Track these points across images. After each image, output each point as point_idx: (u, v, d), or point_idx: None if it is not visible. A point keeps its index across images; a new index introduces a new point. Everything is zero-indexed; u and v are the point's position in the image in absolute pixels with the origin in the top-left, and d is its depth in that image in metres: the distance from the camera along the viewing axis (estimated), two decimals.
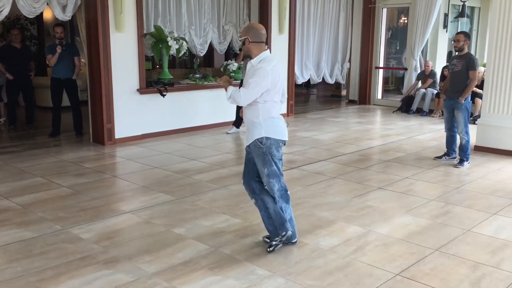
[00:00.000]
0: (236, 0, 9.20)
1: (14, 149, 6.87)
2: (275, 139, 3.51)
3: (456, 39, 5.93)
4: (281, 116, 3.63)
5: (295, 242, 3.69)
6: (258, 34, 3.51)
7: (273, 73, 3.46)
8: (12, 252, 3.52)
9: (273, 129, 3.51)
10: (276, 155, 3.55)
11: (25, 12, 6.46)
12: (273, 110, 3.54)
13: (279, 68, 3.54)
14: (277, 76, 3.50)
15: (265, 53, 3.53)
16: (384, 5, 11.39)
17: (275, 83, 3.49)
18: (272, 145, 3.52)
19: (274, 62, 3.51)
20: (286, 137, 3.61)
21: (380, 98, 11.77)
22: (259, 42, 3.50)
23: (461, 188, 5.19)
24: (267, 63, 3.46)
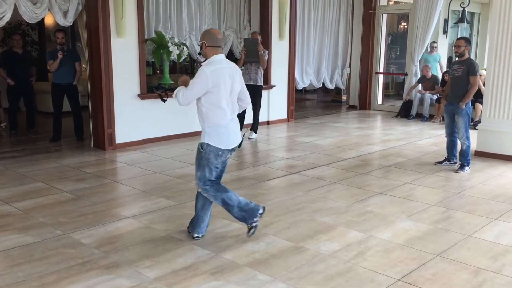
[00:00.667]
0: (237, 6, 9.24)
1: (15, 154, 6.88)
2: (215, 147, 3.58)
3: (457, 45, 5.96)
4: (232, 123, 3.66)
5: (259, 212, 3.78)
6: (214, 39, 3.61)
7: (214, 76, 3.49)
8: (14, 257, 3.52)
9: (215, 137, 3.58)
10: (213, 162, 3.63)
11: (26, 17, 6.49)
12: (218, 116, 3.57)
13: (227, 72, 3.57)
14: (221, 80, 3.52)
15: (214, 57, 3.60)
16: (384, 11, 11.42)
17: (217, 86, 3.51)
18: (211, 152, 3.59)
19: (220, 65, 3.56)
20: (228, 146, 3.64)
21: (380, 104, 11.78)
22: (214, 47, 3.61)
23: (462, 193, 5.19)
24: (209, 66, 3.54)
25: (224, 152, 3.64)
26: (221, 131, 3.60)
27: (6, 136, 8.32)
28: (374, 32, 11.43)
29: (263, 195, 5.08)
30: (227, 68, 3.60)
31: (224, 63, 3.62)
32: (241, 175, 5.83)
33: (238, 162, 6.63)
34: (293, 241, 3.84)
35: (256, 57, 7.69)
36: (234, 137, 3.69)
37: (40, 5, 6.52)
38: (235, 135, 3.69)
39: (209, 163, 3.62)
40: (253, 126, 8.14)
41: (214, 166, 3.66)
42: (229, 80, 3.59)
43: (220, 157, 3.65)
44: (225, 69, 3.58)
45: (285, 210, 4.57)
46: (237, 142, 3.74)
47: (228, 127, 3.63)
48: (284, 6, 9.30)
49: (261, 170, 6.11)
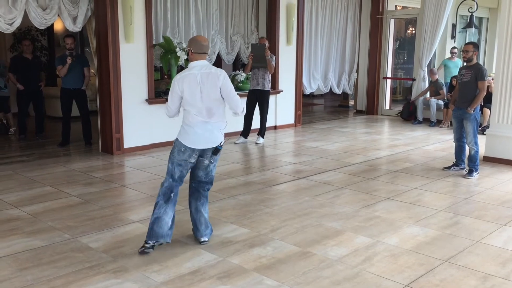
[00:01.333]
0: (244, 11, 9.28)
1: (24, 158, 6.94)
2: (179, 142, 3.76)
3: (465, 50, 5.94)
4: (203, 125, 3.73)
5: (165, 242, 3.77)
6: (200, 46, 3.76)
7: (180, 82, 3.69)
8: (22, 260, 3.54)
9: (183, 134, 3.78)
10: (176, 157, 3.76)
11: (36, 23, 6.56)
12: (187, 118, 3.78)
13: (195, 77, 3.68)
14: (185, 84, 3.67)
15: (192, 63, 3.76)
16: (392, 16, 11.42)
17: (184, 90, 3.68)
18: (175, 147, 3.78)
19: (190, 71, 3.71)
20: (192, 145, 3.73)
21: (388, 109, 11.75)
22: (200, 53, 3.76)
23: (470, 199, 5.16)
24: (180, 73, 3.75)
25: (187, 149, 3.73)
26: (189, 130, 3.75)
27: (15, 140, 8.39)
28: (382, 37, 11.42)
29: (270, 200, 5.08)
30: (198, 74, 3.70)
31: (196, 69, 3.72)
32: (248, 180, 5.84)
33: (245, 167, 6.64)
34: (300, 246, 3.84)
35: (264, 62, 7.71)
36: (202, 139, 3.75)
37: (50, 11, 6.59)
38: (203, 138, 3.75)
39: (174, 157, 3.78)
40: (260, 131, 8.15)
41: (177, 163, 3.76)
42: (195, 85, 3.69)
43: (182, 153, 3.74)
44: (194, 74, 3.70)
45: (292, 215, 4.56)
46: (204, 145, 3.76)
47: (195, 127, 3.73)
48: (292, 11, 9.33)
49: (268, 175, 6.12)
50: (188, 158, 3.75)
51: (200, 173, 3.89)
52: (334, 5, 11.05)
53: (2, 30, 6.29)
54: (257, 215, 4.57)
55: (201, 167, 3.86)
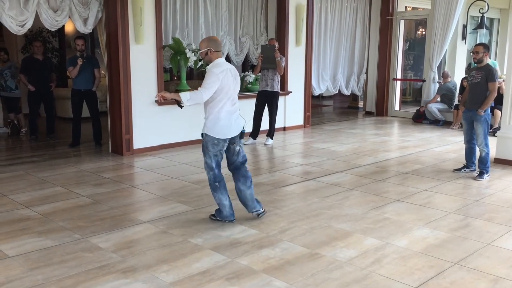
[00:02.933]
0: (254, 12, 9.29)
1: (35, 159, 7.00)
2: (212, 137, 4.14)
3: (475, 51, 5.90)
4: (231, 116, 4.17)
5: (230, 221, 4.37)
6: (218, 44, 4.23)
7: (222, 76, 4.06)
8: (33, 260, 3.58)
9: (213, 128, 4.13)
10: (211, 150, 4.19)
11: (47, 25, 6.62)
12: (218, 110, 4.12)
13: (230, 72, 4.16)
14: (225, 78, 4.09)
15: (219, 60, 4.20)
16: (402, 17, 11.37)
17: (224, 84, 4.07)
18: (208, 142, 4.17)
19: (226, 67, 4.16)
20: (224, 137, 4.16)
21: (397, 110, 11.70)
22: (219, 51, 4.22)
23: (480, 201, 5.12)
24: (218, 67, 4.11)
25: (219, 141, 4.17)
26: (219, 123, 4.14)
27: (26, 141, 8.46)
28: (392, 38, 11.38)
29: (279, 201, 5.08)
30: (231, 69, 4.21)
31: (226, 64, 4.21)
32: (257, 181, 5.84)
33: (255, 168, 6.64)
34: (309, 247, 3.84)
35: (273, 63, 7.71)
36: (231, 129, 4.19)
37: (61, 12, 6.65)
38: (232, 127, 4.19)
39: (209, 151, 4.21)
40: (270, 132, 8.15)
41: (213, 154, 4.21)
42: (232, 78, 4.17)
43: (216, 146, 4.18)
44: (228, 69, 4.17)
45: (301, 216, 4.56)
46: (234, 133, 4.22)
47: (224, 120, 4.15)
48: (301, 12, 9.32)
49: (277, 176, 6.12)
50: (222, 148, 4.23)
51: (235, 157, 4.36)
52: (344, 6, 11.02)
53: (14, 31, 6.37)
54: (266, 216, 4.57)
55: (234, 153, 4.34)
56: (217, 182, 4.29)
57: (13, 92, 8.76)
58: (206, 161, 4.26)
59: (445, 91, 10.13)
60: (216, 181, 4.28)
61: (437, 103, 10.24)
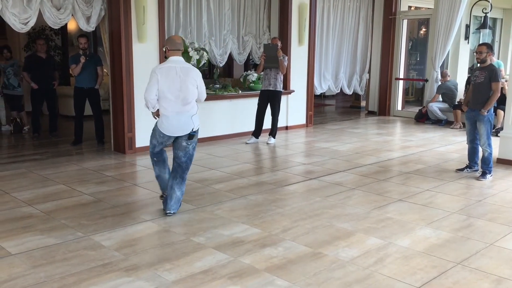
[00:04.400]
0: (256, 11, 9.28)
1: (38, 157, 7.01)
2: (158, 129, 4.44)
3: (479, 51, 5.88)
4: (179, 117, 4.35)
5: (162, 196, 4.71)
6: (174, 43, 4.41)
7: (159, 73, 4.27)
8: (36, 258, 3.58)
9: (161, 123, 4.40)
10: (157, 138, 4.48)
11: (50, 23, 6.62)
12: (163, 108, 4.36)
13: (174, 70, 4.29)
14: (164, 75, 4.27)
15: (171, 58, 4.37)
16: (405, 16, 11.35)
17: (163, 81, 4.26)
18: (156, 131, 4.48)
19: (169, 64, 4.32)
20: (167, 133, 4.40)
21: (400, 110, 11.68)
22: (174, 50, 4.40)
23: (483, 201, 5.11)
24: (159, 65, 4.40)
25: (164, 135, 4.43)
26: (165, 120, 4.37)
27: (29, 139, 8.47)
28: (394, 38, 11.36)
29: (282, 200, 5.08)
30: (177, 67, 4.33)
31: (174, 63, 4.35)
32: (260, 180, 5.84)
33: (257, 167, 6.64)
34: (311, 246, 3.83)
35: (276, 62, 7.71)
36: (176, 128, 4.39)
37: (64, 10, 6.65)
38: (177, 127, 4.39)
39: (154, 136, 4.50)
40: (272, 131, 8.15)
41: (159, 141, 4.49)
42: (174, 76, 4.30)
43: (162, 137, 4.45)
44: (173, 67, 4.32)
45: (303, 216, 4.56)
46: (178, 133, 4.41)
47: (170, 118, 4.35)
48: (304, 11, 9.31)
49: (280, 175, 6.12)
50: (167, 140, 4.50)
51: (180, 153, 4.50)
52: (346, 5, 11.00)
53: (17, 29, 6.37)
54: (269, 215, 4.58)
55: (180, 147, 4.49)
56: (155, 157, 4.61)
57: (16, 90, 8.78)
58: (151, 141, 4.55)
59: (445, 90, 10.12)
60: (154, 156, 4.61)
61: (438, 103, 10.22)
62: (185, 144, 4.46)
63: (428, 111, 10.37)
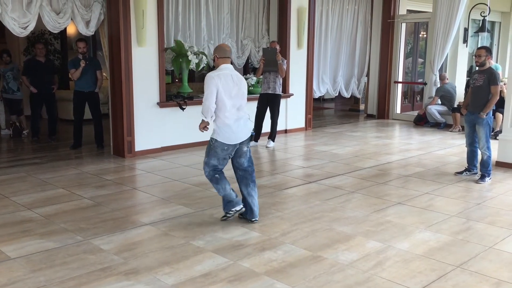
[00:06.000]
0: (255, 15, 9.30)
1: (37, 160, 7.00)
2: (221, 143, 4.20)
3: (478, 54, 5.90)
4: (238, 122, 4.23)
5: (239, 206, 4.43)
6: (224, 51, 4.30)
7: (219, 79, 4.13)
8: (35, 262, 3.58)
9: (221, 135, 4.20)
10: (220, 154, 4.25)
11: (49, 27, 6.63)
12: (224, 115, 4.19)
13: (230, 76, 4.19)
14: (224, 82, 4.14)
15: (223, 65, 4.27)
16: (403, 20, 11.38)
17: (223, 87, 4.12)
18: (217, 147, 4.23)
19: (225, 71, 4.22)
20: (234, 142, 4.22)
21: (399, 113, 11.70)
22: (224, 57, 4.30)
23: (482, 204, 5.12)
24: (215, 71, 4.23)
25: (229, 146, 4.23)
26: (227, 129, 4.21)
27: (28, 143, 8.47)
28: (393, 41, 11.39)
29: (281, 203, 5.08)
30: (232, 74, 4.24)
31: (228, 70, 4.25)
32: (259, 184, 5.82)
33: (256, 171, 6.59)
34: (311, 250, 3.84)
35: (275, 66, 7.72)
36: (240, 134, 4.26)
37: (63, 15, 6.66)
38: (241, 132, 4.26)
39: (217, 154, 4.25)
40: (271, 134, 8.15)
41: (222, 158, 4.28)
42: (232, 83, 4.20)
43: (226, 150, 4.25)
44: (228, 74, 4.21)
45: (303, 219, 4.56)
46: (243, 138, 4.28)
47: (232, 127, 4.21)
48: (303, 14, 9.33)
49: (279, 178, 6.12)
50: (231, 152, 4.30)
51: (243, 160, 4.39)
52: (345, 8, 11.04)
53: (16, 33, 6.38)
54: (268, 218, 4.58)
55: (242, 155, 4.37)
56: (217, 174, 4.33)
57: (15, 94, 8.78)
58: (209, 161, 4.27)
59: (443, 92, 10.14)
60: (216, 173, 4.32)
61: (437, 105, 10.23)
62: (246, 148, 4.35)
63: (427, 113, 10.39)
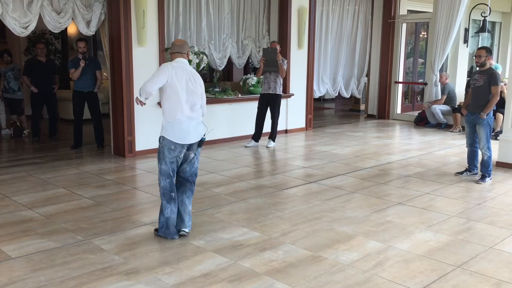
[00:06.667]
0: (256, 15, 9.30)
1: (38, 160, 7.01)
2: (169, 140, 3.90)
3: (478, 55, 5.90)
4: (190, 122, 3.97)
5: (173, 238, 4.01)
6: (175, 46, 4.06)
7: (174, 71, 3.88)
8: (36, 261, 3.58)
9: (169, 131, 3.90)
10: (167, 156, 3.92)
11: (50, 27, 6.64)
12: (175, 112, 3.92)
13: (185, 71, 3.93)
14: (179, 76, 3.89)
15: (178, 59, 4.01)
16: (404, 20, 11.38)
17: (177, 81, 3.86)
18: (164, 146, 3.92)
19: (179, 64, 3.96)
20: (182, 141, 3.92)
21: (399, 113, 11.70)
22: (176, 53, 4.03)
23: (483, 204, 5.12)
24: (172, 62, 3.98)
25: (177, 146, 3.92)
26: (177, 126, 3.93)
27: (29, 142, 8.48)
28: (394, 41, 11.40)
29: (281, 203, 5.08)
30: (187, 69, 3.99)
31: (185, 64, 4.01)
32: (259, 184, 5.84)
33: (256, 171, 6.64)
34: (311, 250, 3.84)
35: (275, 66, 7.73)
36: (190, 133, 3.98)
37: (64, 15, 6.67)
38: (192, 132, 3.98)
39: (165, 157, 3.94)
40: (271, 134, 8.15)
41: (170, 161, 3.94)
42: (186, 77, 3.94)
43: (173, 151, 3.93)
44: (183, 68, 3.97)
45: (303, 219, 4.56)
46: (193, 139, 3.99)
47: (183, 123, 3.93)
48: (303, 15, 9.33)
49: (279, 178, 6.12)
50: (179, 154, 3.97)
51: (186, 166, 4.10)
52: (345, 9, 11.04)
53: (17, 33, 6.39)
54: (268, 218, 4.58)
55: (187, 161, 4.08)
56: (173, 192, 3.99)
57: (16, 94, 8.79)
58: (162, 167, 3.94)
59: (449, 91, 10.13)
60: (172, 190, 3.98)
61: (441, 105, 10.18)
62: (193, 155, 4.05)
63: (427, 113, 10.35)
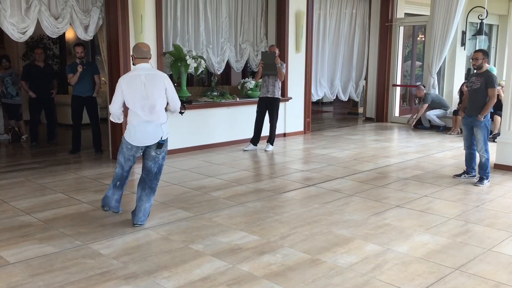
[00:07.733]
0: (254, 19, 9.33)
1: (36, 165, 7.01)
2: (126, 141, 4.30)
3: (475, 57, 5.92)
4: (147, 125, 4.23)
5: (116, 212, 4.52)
6: (140, 51, 4.33)
7: (125, 83, 4.22)
8: (34, 266, 3.58)
9: (127, 133, 4.28)
10: (125, 152, 4.34)
11: (48, 32, 6.65)
12: (132, 117, 4.25)
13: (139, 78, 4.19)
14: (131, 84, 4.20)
15: (138, 65, 4.31)
16: (401, 23, 11.42)
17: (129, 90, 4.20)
18: (123, 144, 4.33)
19: (135, 72, 4.24)
20: (136, 143, 4.28)
21: (397, 116, 11.72)
22: (141, 58, 4.33)
23: (481, 206, 5.13)
24: (125, 75, 4.31)
25: (133, 146, 4.30)
26: (132, 130, 4.26)
27: (27, 147, 8.47)
28: (391, 44, 11.43)
29: (280, 207, 5.08)
30: (142, 75, 4.22)
31: (141, 71, 4.26)
32: (258, 187, 5.85)
33: (255, 174, 6.65)
34: (310, 253, 3.84)
35: (274, 70, 7.74)
36: (144, 137, 4.28)
37: (62, 20, 6.68)
38: (146, 136, 4.27)
39: (123, 152, 4.35)
40: (270, 138, 8.16)
41: (127, 158, 4.35)
42: (140, 84, 4.20)
43: (130, 150, 4.32)
44: (138, 75, 4.23)
45: (301, 222, 4.56)
46: (147, 142, 4.29)
47: (138, 127, 4.24)
48: (301, 18, 9.37)
49: (278, 182, 6.13)
50: (135, 153, 4.36)
51: (149, 163, 4.40)
52: (343, 12, 11.08)
53: (15, 38, 6.40)
54: (267, 222, 4.58)
55: (149, 157, 4.38)
56: (119, 181, 4.42)
57: (14, 99, 8.79)
58: (119, 159, 4.39)
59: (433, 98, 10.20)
60: (119, 180, 4.42)
61: (434, 110, 10.23)
62: (154, 153, 4.35)
63: (422, 119, 10.43)
